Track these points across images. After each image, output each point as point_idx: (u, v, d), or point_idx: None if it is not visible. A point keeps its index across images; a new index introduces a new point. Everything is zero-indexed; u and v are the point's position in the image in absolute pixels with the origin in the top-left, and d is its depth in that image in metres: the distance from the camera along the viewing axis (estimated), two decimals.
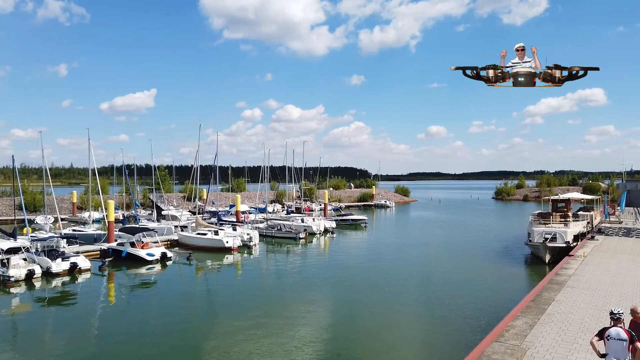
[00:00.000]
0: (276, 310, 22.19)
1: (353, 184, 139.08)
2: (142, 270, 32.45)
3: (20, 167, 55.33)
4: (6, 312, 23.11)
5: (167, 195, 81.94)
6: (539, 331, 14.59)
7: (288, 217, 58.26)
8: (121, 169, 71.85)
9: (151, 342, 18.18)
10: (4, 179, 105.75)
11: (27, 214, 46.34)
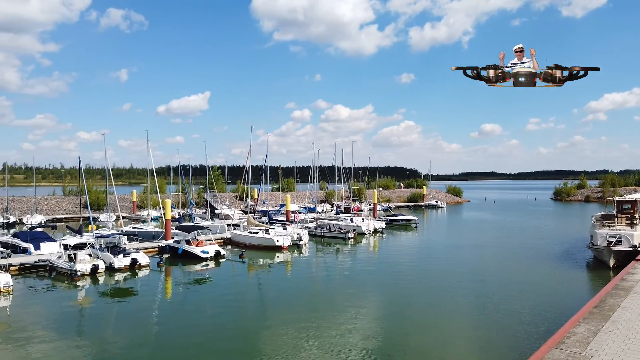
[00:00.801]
0: (325, 310, 22.30)
1: (403, 184, 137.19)
2: (197, 267, 33.58)
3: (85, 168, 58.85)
4: (73, 304, 24.65)
5: (220, 195, 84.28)
6: (603, 339, 13.79)
7: (337, 217, 58.33)
8: (177, 169, 74.76)
9: (205, 337, 18.78)
10: (70, 179, 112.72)
11: (91, 212, 49.11)
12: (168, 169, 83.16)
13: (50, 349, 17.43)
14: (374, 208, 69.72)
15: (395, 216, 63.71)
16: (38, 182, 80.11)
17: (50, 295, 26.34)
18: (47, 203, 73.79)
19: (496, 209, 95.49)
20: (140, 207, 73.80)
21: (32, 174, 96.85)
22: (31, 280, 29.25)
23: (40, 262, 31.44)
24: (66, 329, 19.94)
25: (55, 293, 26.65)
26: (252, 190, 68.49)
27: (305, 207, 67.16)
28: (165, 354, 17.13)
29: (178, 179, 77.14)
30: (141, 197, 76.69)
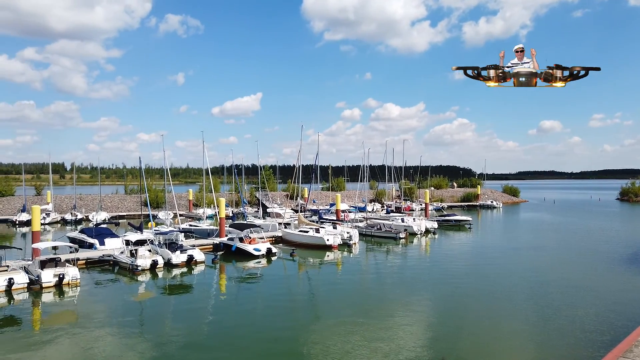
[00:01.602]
0: (376, 310, 22.15)
1: (456, 183, 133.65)
2: (249, 264, 34.35)
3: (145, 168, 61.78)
4: (134, 297, 25.93)
5: (272, 194, 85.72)
6: None
7: (388, 216, 57.78)
8: (231, 169, 76.84)
9: (256, 333, 19.18)
10: (132, 178, 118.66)
11: (151, 210, 51.39)
12: (222, 168, 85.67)
13: (112, 339, 18.42)
14: (426, 208, 68.43)
15: (448, 216, 62.23)
16: (102, 181, 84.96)
17: (113, 288, 27.85)
18: (110, 201, 78.02)
19: (556, 209, 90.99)
20: (196, 205, 76.41)
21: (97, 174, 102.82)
22: (96, 273, 31.03)
23: (105, 257, 33.29)
24: (127, 321, 21.01)
25: (118, 286, 28.14)
26: (302, 189, 69.12)
27: (355, 207, 66.97)
28: (218, 348, 17.65)
29: (231, 178, 79.25)
30: (197, 196, 79.40)
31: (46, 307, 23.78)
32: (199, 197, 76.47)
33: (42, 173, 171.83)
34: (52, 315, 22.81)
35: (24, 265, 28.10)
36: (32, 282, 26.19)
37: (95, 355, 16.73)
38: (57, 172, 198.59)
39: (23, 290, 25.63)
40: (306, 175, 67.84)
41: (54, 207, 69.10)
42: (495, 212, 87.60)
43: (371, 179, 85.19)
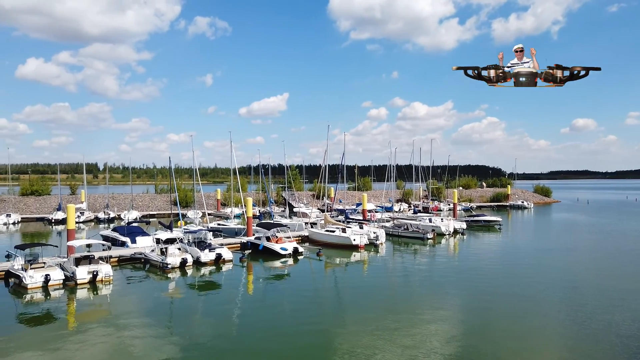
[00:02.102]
0: (403, 311, 21.96)
1: (485, 183, 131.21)
2: (276, 263, 34.59)
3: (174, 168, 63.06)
4: (165, 294, 26.48)
5: (298, 194, 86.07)
6: None
7: (415, 216, 57.21)
8: (257, 169, 77.55)
9: (283, 332, 19.31)
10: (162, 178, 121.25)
11: (180, 209, 52.38)
12: (249, 168, 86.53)
13: (144, 335, 18.87)
14: (454, 208, 67.48)
15: (477, 216, 61.16)
16: (133, 180, 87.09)
17: (144, 285, 28.51)
18: (141, 200, 79.90)
19: (590, 210, 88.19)
20: (223, 204, 77.43)
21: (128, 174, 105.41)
22: (128, 271, 31.83)
23: (136, 255, 34.13)
24: (158, 317, 21.48)
25: (148, 283, 28.79)
26: (328, 189, 69.16)
27: (381, 206, 66.60)
28: (246, 346, 17.84)
29: (258, 178, 79.95)
30: (225, 195, 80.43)
31: (80, 303, 24.54)
32: (227, 197, 77.45)
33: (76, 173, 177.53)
34: (86, 311, 23.53)
35: (59, 262, 29.08)
36: (68, 279, 27.06)
37: (127, 350, 17.17)
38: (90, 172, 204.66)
39: (59, 286, 26.52)
40: (332, 175, 67.92)
41: (87, 206, 71.26)
42: (526, 212, 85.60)
43: (398, 179, 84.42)
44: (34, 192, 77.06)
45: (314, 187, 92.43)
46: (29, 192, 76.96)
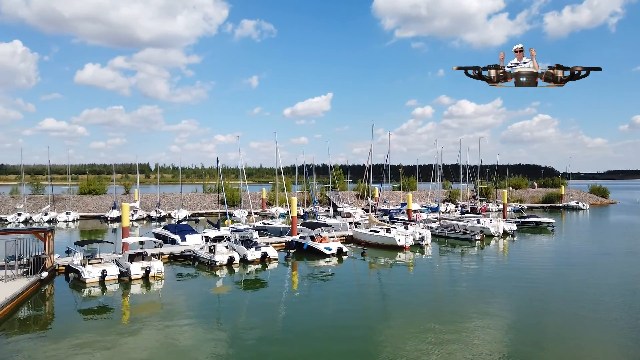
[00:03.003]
0: (449, 314, 21.50)
1: (536, 183, 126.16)
2: (320, 262, 34.75)
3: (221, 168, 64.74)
4: (213, 291, 27.21)
5: (342, 193, 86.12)
6: None
7: (462, 217, 55.87)
8: (302, 169, 78.28)
9: (328, 331, 19.37)
10: (209, 178, 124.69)
11: (227, 208, 53.66)
12: (293, 168, 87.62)
13: (193, 329, 19.48)
14: (504, 209, 65.39)
15: (528, 218, 58.96)
16: (183, 180, 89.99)
17: (193, 281, 29.42)
18: (190, 199, 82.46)
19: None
20: (269, 204, 78.63)
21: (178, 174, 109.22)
22: (178, 267, 32.94)
23: (186, 252, 35.27)
24: (206, 313, 22.13)
25: (197, 280, 29.68)
26: (373, 189, 68.74)
27: (427, 207, 65.47)
28: (290, 344, 18.05)
29: (302, 177, 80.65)
30: (270, 195, 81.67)
31: (134, 297, 25.64)
32: (272, 196, 78.60)
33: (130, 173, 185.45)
34: (139, 305, 24.56)
35: (115, 258, 30.51)
36: (122, 274, 28.36)
37: (177, 343, 17.79)
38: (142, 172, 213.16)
39: (114, 281, 27.83)
40: (376, 175, 67.35)
41: (140, 205, 74.30)
42: (581, 214, 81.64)
43: (444, 179, 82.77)
44: (92, 191, 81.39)
45: (357, 187, 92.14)
46: (87, 191, 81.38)
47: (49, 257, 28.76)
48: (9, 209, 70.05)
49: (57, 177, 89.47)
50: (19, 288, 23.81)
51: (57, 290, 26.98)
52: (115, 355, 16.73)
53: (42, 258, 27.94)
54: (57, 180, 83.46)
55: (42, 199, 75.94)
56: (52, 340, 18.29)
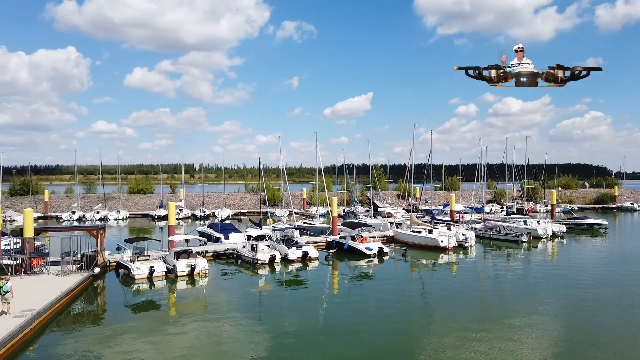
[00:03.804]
0: (494, 319, 20.87)
1: (587, 183, 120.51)
2: (361, 262, 34.61)
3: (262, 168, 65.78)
4: (255, 289, 27.66)
5: (383, 193, 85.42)
6: None
7: (508, 218, 54.17)
8: (342, 168, 78.20)
9: (368, 330, 19.25)
10: (251, 178, 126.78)
11: (268, 207, 54.38)
12: (333, 168, 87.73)
13: (235, 326, 19.87)
14: (552, 210, 62.93)
15: (578, 219, 56.40)
16: (225, 180, 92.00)
17: (236, 279, 30.00)
18: (233, 199, 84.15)
19: None
20: (309, 203, 79.09)
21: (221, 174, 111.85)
22: (222, 265, 33.68)
23: (229, 251, 36.00)
24: (249, 310, 22.54)
25: (240, 277, 30.24)
26: (414, 188, 67.82)
27: (471, 207, 63.94)
28: (331, 343, 18.07)
29: (343, 177, 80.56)
30: (310, 195, 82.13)
31: (180, 293, 26.44)
32: (312, 196, 78.99)
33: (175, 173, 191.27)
34: (184, 301, 25.31)
35: (162, 256, 31.54)
36: (169, 271, 29.29)
37: (220, 340, 18.21)
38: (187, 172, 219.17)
39: (162, 278, 28.79)
40: (418, 175, 66.38)
41: (185, 204, 76.52)
42: (636, 215, 77.37)
43: (489, 179, 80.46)
44: (140, 191, 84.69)
45: (398, 187, 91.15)
46: (136, 191, 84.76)
47: (100, 254, 30.11)
48: (64, 207, 73.85)
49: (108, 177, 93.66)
50: (73, 283, 25.05)
51: (109, 285, 28.21)
52: (161, 348, 17.31)
53: (95, 254, 29.28)
54: (107, 180, 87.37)
55: (94, 197, 79.58)
56: (103, 332, 19.14)
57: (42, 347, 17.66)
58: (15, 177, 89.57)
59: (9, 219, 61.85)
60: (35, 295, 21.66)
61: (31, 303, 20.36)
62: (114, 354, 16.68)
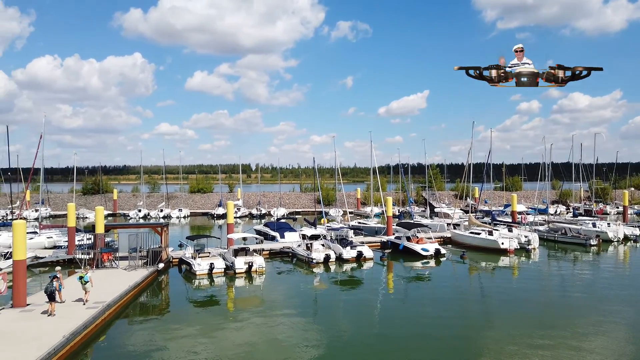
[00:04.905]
0: (558, 327, 19.75)
1: None
2: (417, 263, 34.02)
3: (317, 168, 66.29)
4: (310, 287, 27.93)
5: (439, 193, 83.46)
6: None
7: (575, 220, 51.27)
8: (397, 168, 77.17)
9: (423, 333, 18.91)
10: (305, 177, 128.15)
11: (323, 207, 54.72)
12: (388, 167, 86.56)
13: (291, 323, 20.16)
14: (624, 211, 58.80)
15: None
16: (281, 180, 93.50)
17: (292, 277, 30.43)
18: (288, 198, 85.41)
19: None
20: (363, 203, 78.73)
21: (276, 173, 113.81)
22: (277, 263, 34.28)
23: (285, 249, 36.59)
24: (304, 308, 22.80)
25: (295, 276, 30.65)
26: (473, 188, 65.79)
27: (534, 208, 61.07)
28: (384, 343, 17.88)
29: (397, 177, 79.54)
30: (364, 195, 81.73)
31: (238, 290, 27.19)
32: (367, 196, 78.57)
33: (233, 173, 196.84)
34: (242, 297, 26.02)
35: (221, 253, 32.59)
36: (228, 268, 30.21)
37: (277, 336, 18.54)
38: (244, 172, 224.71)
39: (221, 274, 29.75)
40: (477, 174, 64.37)
41: (243, 203, 78.58)
42: None
43: (553, 178, 76.44)
44: (200, 190, 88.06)
45: (456, 187, 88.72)
46: (196, 190, 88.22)
47: (164, 250, 31.57)
48: (131, 205, 78.08)
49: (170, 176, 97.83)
50: (139, 277, 26.45)
51: (172, 280, 29.54)
52: (219, 342, 17.90)
53: (159, 250, 30.74)
54: (170, 179, 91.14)
55: (158, 196, 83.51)
56: (166, 324, 20.08)
57: (111, 337, 18.79)
58: (88, 177, 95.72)
59: (82, 216, 66.21)
60: (106, 288, 23.05)
61: (102, 295, 21.71)
62: (176, 346, 17.44)
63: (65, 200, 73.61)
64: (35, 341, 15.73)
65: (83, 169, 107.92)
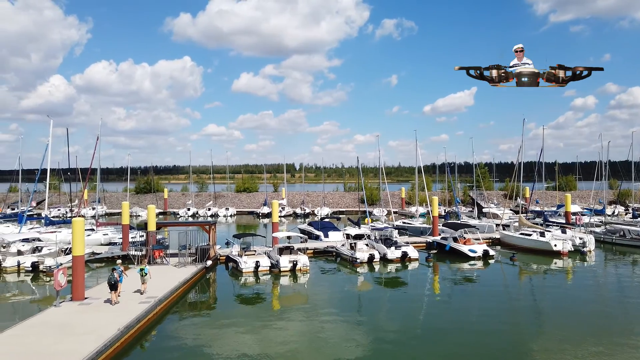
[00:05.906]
0: (615, 335, 18.70)
1: None
2: (464, 265, 33.22)
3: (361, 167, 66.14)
4: (353, 287, 27.89)
5: (487, 193, 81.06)
6: None
7: (634, 221, 48.39)
8: (442, 167, 75.68)
9: (470, 339, 18.41)
10: (349, 177, 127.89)
11: (367, 206, 54.42)
12: (433, 166, 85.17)
13: (334, 322, 20.21)
14: None
15: None
16: (324, 179, 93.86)
17: (335, 276, 30.49)
18: (332, 197, 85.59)
19: None
20: (408, 203, 77.72)
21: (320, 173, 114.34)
22: (321, 262, 34.43)
23: (329, 248, 36.72)
24: (348, 308, 22.82)
25: (339, 275, 30.69)
26: (523, 188, 63.45)
27: (589, 209, 58.23)
28: (429, 345, 17.62)
29: (443, 176, 77.97)
30: (409, 194, 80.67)
31: (283, 288, 27.54)
32: (411, 195, 77.52)
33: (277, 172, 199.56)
34: (287, 296, 26.32)
35: (266, 251, 33.13)
36: (273, 266, 30.66)
37: (319, 335, 18.64)
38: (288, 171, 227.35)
39: (266, 272, 30.24)
40: (527, 173, 62.12)
41: (287, 202, 79.49)
42: None
43: (611, 177, 72.51)
44: (246, 189, 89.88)
45: (505, 187, 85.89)
46: (242, 189, 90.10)
47: (212, 248, 32.47)
48: (180, 204, 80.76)
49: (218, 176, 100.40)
50: (189, 273, 27.32)
51: (219, 277, 30.31)
52: (264, 339, 18.19)
53: (207, 248, 31.65)
54: (217, 179, 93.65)
55: (206, 195, 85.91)
56: (213, 320, 20.65)
57: (162, 330, 19.52)
58: (140, 176, 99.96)
59: (135, 214, 69.17)
60: (158, 284, 23.97)
61: (154, 290, 22.60)
62: (223, 342, 17.90)
63: (119, 199, 77.23)
64: (93, 333, 16.61)
65: (136, 169, 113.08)
